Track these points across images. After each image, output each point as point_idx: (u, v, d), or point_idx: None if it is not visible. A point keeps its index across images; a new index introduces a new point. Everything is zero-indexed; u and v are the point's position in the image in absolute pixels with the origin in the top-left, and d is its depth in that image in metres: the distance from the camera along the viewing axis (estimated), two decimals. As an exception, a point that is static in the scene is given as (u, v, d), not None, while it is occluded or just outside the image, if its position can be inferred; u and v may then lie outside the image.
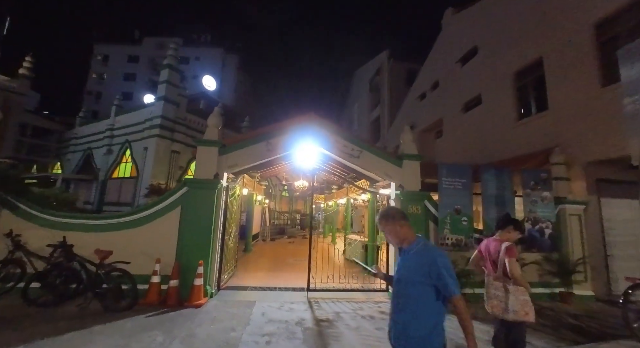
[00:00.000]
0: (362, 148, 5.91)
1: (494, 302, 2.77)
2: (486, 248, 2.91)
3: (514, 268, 2.60)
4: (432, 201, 5.90)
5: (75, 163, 14.57)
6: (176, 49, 12.35)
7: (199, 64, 32.01)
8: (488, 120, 9.52)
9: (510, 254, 2.64)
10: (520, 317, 2.61)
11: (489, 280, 2.86)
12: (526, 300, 2.63)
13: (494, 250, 2.81)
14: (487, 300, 2.84)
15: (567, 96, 6.88)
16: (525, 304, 2.62)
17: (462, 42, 11.33)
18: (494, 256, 2.78)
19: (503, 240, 2.78)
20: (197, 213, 5.13)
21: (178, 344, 3.37)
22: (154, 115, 11.71)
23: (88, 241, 4.78)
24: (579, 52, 6.65)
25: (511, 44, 8.68)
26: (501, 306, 2.70)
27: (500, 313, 2.71)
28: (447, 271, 1.57)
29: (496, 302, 2.75)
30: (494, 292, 2.78)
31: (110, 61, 31.39)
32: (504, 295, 2.69)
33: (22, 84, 14.28)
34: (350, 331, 3.91)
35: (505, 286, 2.69)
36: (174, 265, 4.82)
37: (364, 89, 23.97)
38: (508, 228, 2.86)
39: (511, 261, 2.61)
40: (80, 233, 4.95)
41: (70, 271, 4.30)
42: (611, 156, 5.87)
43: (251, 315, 4.34)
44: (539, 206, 6.08)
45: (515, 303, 2.62)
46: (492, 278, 2.81)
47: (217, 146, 5.48)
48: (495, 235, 2.93)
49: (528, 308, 2.63)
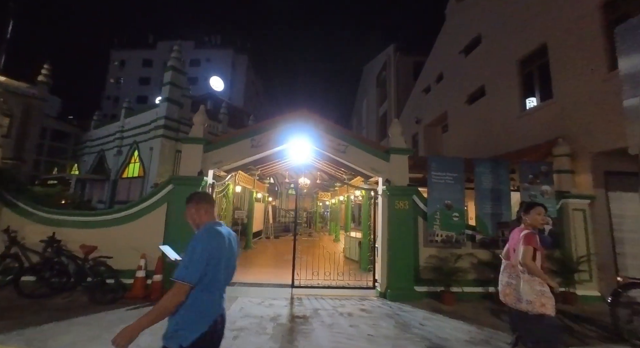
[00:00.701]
0: (347, 142, 5.80)
1: (506, 290, 2.64)
2: (511, 238, 2.80)
3: (526, 255, 2.45)
4: (421, 196, 5.70)
5: (90, 163, 15.30)
6: (179, 51, 12.62)
7: (210, 66, 32.70)
8: (492, 112, 9.09)
9: (528, 241, 2.49)
10: (536, 308, 2.42)
11: (504, 267, 2.74)
12: (543, 290, 2.44)
13: (515, 238, 2.69)
14: (500, 288, 2.70)
15: (572, 83, 6.43)
16: (542, 295, 2.43)
17: (465, 31, 10.87)
18: (515, 243, 2.66)
19: (527, 228, 2.64)
20: (181, 210, 5.20)
21: (148, 336, 3.42)
22: (159, 116, 12.07)
23: (80, 237, 4.99)
24: (585, 34, 6.18)
25: (515, 31, 8.22)
26: (514, 294, 2.56)
27: (513, 303, 2.56)
28: (187, 254, 1.43)
29: (509, 290, 2.61)
30: (508, 280, 2.65)
31: (127, 65, 32.69)
32: (519, 283, 2.54)
33: (41, 90, 15.10)
34: (323, 328, 3.85)
35: (520, 275, 2.54)
36: (157, 260, 4.93)
37: (372, 84, 23.61)
38: (534, 210, 2.66)
39: (526, 249, 2.48)
40: (73, 230, 5.17)
41: (59, 266, 4.51)
42: (621, 146, 5.38)
43: (229, 310, 4.36)
44: (538, 200, 5.70)
45: (530, 292, 2.46)
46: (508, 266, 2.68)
47: (202, 143, 5.55)
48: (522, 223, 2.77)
49: (545, 299, 2.43)
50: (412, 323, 4.09)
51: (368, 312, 4.52)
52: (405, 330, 3.84)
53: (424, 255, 5.47)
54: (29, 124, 14.36)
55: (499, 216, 5.63)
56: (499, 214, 5.63)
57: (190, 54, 33.14)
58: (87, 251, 4.48)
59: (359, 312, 4.47)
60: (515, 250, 2.65)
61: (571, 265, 5.36)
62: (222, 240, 1.55)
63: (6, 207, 5.19)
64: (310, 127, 5.81)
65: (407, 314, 4.47)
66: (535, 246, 2.50)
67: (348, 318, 4.23)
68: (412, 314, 4.48)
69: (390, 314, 4.44)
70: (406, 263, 5.32)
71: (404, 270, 5.30)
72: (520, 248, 2.53)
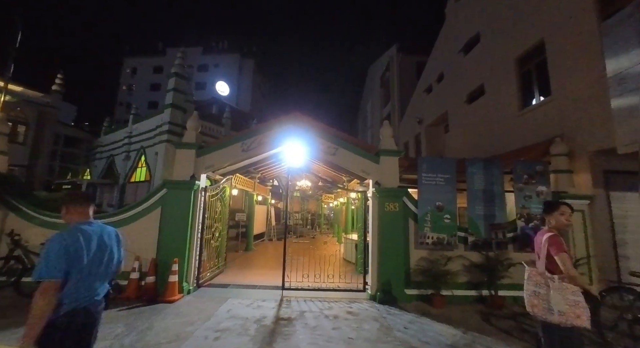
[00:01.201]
0: (337, 144, 5.82)
1: (534, 301, 2.33)
2: (535, 242, 2.56)
3: (567, 264, 2.16)
4: (412, 198, 5.65)
5: (101, 168, 15.87)
6: (183, 58, 12.97)
7: (217, 71, 33.36)
8: (491, 111, 8.92)
9: (558, 247, 2.22)
10: (569, 320, 2.15)
11: (529, 274, 2.44)
12: (577, 300, 2.18)
13: (538, 241, 2.44)
14: (526, 298, 2.39)
15: (571, 80, 6.25)
16: (576, 305, 2.17)
17: (464, 30, 10.73)
18: (539, 248, 2.43)
19: (550, 230, 2.39)
20: (174, 213, 5.38)
21: (133, 335, 3.56)
22: (164, 121, 12.41)
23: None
24: (583, 30, 6.01)
25: (512, 28, 8.07)
26: (543, 305, 2.27)
27: (542, 314, 2.26)
28: (42, 255, 1.58)
29: (537, 301, 2.31)
30: (535, 289, 2.35)
31: (138, 72, 33.75)
32: (547, 292, 2.26)
33: (55, 98, 15.82)
34: (305, 330, 3.88)
35: (549, 283, 2.27)
36: (150, 262, 5.08)
37: (376, 85, 23.52)
38: (558, 210, 2.40)
39: (562, 257, 2.18)
40: (73, 232, 5.40)
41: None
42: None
43: (216, 311, 4.46)
44: (534, 201, 5.59)
45: (561, 302, 2.20)
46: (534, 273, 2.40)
47: (194, 148, 5.70)
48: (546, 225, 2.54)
49: (580, 310, 2.15)
50: (397, 327, 4.06)
51: (354, 314, 4.51)
52: (387, 334, 3.83)
53: (414, 257, 5.42)
54: (43, 131, 15.04)
55: (492, 218, 5.51)
56: (491, 215, 5.52)
57: (198, 60, 33.96)
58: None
59: (345, 315, 4.47)
60: (539, 254, 2.39)
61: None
62: (86, 237, 1.72)
63: (10, 211, 5.47)
64: (300, 130, 5.87)
65: (393, 317, 4.44)
66: (566, 250, 2.25)
67: (333, 320, 4.24)
68: (399, 317, 4.44)
69: (377, 317, 4.42)
70: (396, 266, 5.28)
71: (394, 272, 5.26)
72: (543, 251, 2.30)
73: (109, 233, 1.92)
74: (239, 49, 35.28)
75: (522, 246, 5.47)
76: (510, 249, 5.50)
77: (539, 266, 2.38)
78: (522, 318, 4.50)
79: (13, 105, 13.82)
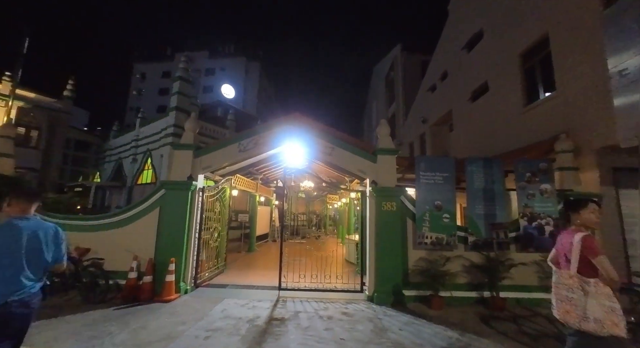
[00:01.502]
0: (333, 144, 5.78)
1: (566, 307, 2.13)
2: (559, 242, 2.38)
3: (609, 269, 1.98)
4: (410, 198, 5.55)
5: (110, 171, 16.26)
6: (187, 62, 13.16)
7: (224, 74, 33.76)
8: (496, 108, 8.71)
9: (595, 249, 2.05)
10: (606, 329, 1.96)
11: (558, 278, 2.25)
12: (613, 307, 2.00)
13: (566, 242, 2.24)
14: (557, 303, 2.20)
15: (576, 74, 6.04)
16: (613, 312, 1.99)
17: (467, 26, 10.54)
18: (567, 248, 2.22)
19: (579, 229, 2.23)
20: (171, 213, 5.43)
21: (125, 334, 3.60)
22: (169, 124, 12.62)
23: (81, 241, 5.32)
24: (586, 21, 5.81)
25: (515, 23, 7.88)
26: (577, 312, 2.06)
27: (575, 322, 2.05)
28: None
29: (570, 307, 2.11)
30: (567, 294, 2.15)
31: (147, 77, 34.49)
32: (582, 298, 2.07)
33: (66, 104, 16.31)
34: (297, 330, 3.84)
35: (584, 287, 2.07)
36: (147, 262, 5.14)
37: (381, 85, 23.37)
38: (587, 209, 2.24)
39: (601, 259, 2.01)
40: (76, 233, 5.50)
41: (57, 267, 4.81)
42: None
43: (211, 311, 4.47)
44: (537, 200, 5.40)
45: (598, 309, 2.01)
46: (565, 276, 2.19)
47: (192, 149, 5.75)
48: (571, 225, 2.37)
49: (617, 317, 1.98)
50: (391, 328, 3.98)
51: (349, 315, 4.44)
52: (380, 335, 3.75)
53: (413, 257, 5.31)
54: (54, 135, 15.51)
55: (493, 217, 5.36)
56: (492, 214, 5.37)
57: (205, 64, 34.50)
58: (81, 254, 4.76)
59: (339, 316, 4.41)
60: (567, 256, 2.20)
61: (574, 269, 4.98)
62: (15, 232, 1.81)
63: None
64: (297, 130, 5.86)
65: (389, 318, 4.35)
66: (604, 251, 2.08)
67: (326, 321, 4.18)
68: (395, 318, 4.35)
69: (372, 318, 4.34)
70: (394, 266, 5.19)
71: (392, 273, 5.17)
72: (575, 252, 2.12)
73: (45, 229, 2.00)
74: (244, 52, 35.67)
75: (525, 247, 5.29)
76: (513, 249, 5.34)
77: (572, 269, 2.16)
78: (523, 321, 4.34)
79: (27, 111, 14.33)
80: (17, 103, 13.61)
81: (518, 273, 5.08)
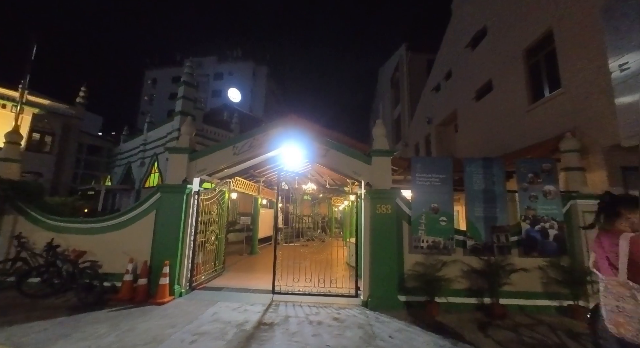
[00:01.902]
0: (327, 146, 5.71)
1: (619, 319, 1.88)
2: (599, 245, 2.09)
3: None
4: (406, 200, 5.41)
5: (120, 175, 16.69)
6: (191, 67, 13.41)
7: (232, 78, 34.32)
8: (500, 107, 8.46)
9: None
10: None
11: (606, 286, 1.99)
12: None
13: (609, 245, 1.96)
14: (607, 315, 1.96)
15: (581, 70, 5.78)
16: None
17: (471, 24, 10.30)
18: (610, 253, 1.95)
19: (620, 230, 1.95)
20: (167, 216, 5.48)
21: (113, 336, 3.62)
22: (174, 128, 12.86)
23: (80, 243, 5.45)
24: (590, 16, 5.54)
25: (519, 19, 7.65)
26: (633, 324, 1.81)
27: (632, 335, 1.80)
28: None
29: (623, 319, 1.86)
30: (617, 304, 1.91)
31: (158, 83, 35.43)
32: (636, 308, 1.81)
33: (78, 110, 16.89)
34: (283, 335, 3.77)
35: (636, 296, 1.83)
36: (143, 264, 5.19)
37: (387, 86, 23.17)
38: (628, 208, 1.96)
39: None
40: (74, 235, 5.64)
41: (55, 268, 4.92)
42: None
43: (202, 314, 4.45)
44: (540, 202, 5.17)
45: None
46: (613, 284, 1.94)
47: (187, 152, 5.80)
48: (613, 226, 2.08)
49: None
50: (381, 335, 3.85)
51: (340, 321, 4.34)
52: (368, 343, 3.63)
53: (409, 262, 5.16)
54: (68, 140, 16.05)
55: (493, 220, 5.15)
56: (492, 217, 5.16)
57: (213, 68, 35.15)
58: (77, 256, 4.85)
59: (330, 321, 4.32)
60: (610, 260, 1.96)
61: (580, 275, 4.72)
62: None
63: (20, 215, 5.81)
64: (292, 132, 5.82)
65: (380, 325, 4.22)
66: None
67: (316, 326, 4.10)
68: (387, 325, 4.22)
69: (363, 324, 4.23)
70: (388, 271, 5.06)
71: (386, 277, 5.04)
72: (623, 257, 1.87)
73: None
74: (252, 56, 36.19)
75: (527, 251, 5.06)
76: (515, 254, 5.11)
77: (619, 276, 1.91)
78: (524, 329, 4.13)
79: (41, 117, 14.91)
80: (33, 110, 14.19)
81: (520, 278, 4.86)
